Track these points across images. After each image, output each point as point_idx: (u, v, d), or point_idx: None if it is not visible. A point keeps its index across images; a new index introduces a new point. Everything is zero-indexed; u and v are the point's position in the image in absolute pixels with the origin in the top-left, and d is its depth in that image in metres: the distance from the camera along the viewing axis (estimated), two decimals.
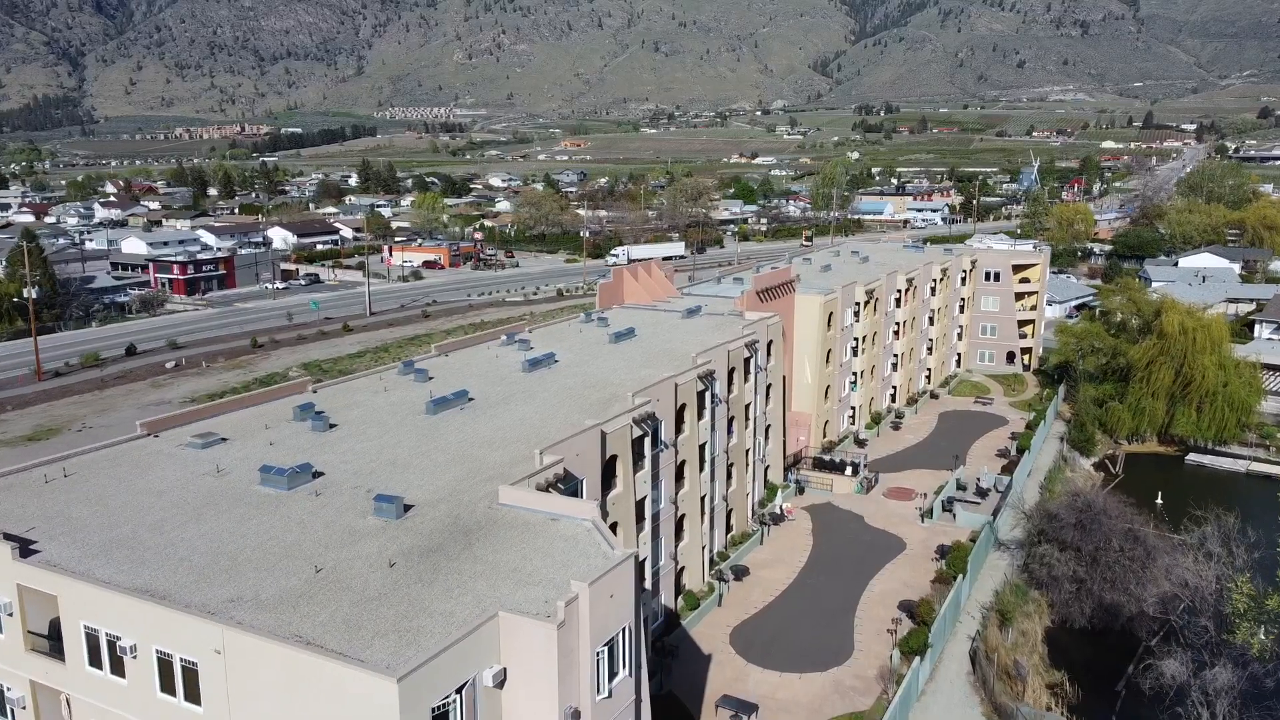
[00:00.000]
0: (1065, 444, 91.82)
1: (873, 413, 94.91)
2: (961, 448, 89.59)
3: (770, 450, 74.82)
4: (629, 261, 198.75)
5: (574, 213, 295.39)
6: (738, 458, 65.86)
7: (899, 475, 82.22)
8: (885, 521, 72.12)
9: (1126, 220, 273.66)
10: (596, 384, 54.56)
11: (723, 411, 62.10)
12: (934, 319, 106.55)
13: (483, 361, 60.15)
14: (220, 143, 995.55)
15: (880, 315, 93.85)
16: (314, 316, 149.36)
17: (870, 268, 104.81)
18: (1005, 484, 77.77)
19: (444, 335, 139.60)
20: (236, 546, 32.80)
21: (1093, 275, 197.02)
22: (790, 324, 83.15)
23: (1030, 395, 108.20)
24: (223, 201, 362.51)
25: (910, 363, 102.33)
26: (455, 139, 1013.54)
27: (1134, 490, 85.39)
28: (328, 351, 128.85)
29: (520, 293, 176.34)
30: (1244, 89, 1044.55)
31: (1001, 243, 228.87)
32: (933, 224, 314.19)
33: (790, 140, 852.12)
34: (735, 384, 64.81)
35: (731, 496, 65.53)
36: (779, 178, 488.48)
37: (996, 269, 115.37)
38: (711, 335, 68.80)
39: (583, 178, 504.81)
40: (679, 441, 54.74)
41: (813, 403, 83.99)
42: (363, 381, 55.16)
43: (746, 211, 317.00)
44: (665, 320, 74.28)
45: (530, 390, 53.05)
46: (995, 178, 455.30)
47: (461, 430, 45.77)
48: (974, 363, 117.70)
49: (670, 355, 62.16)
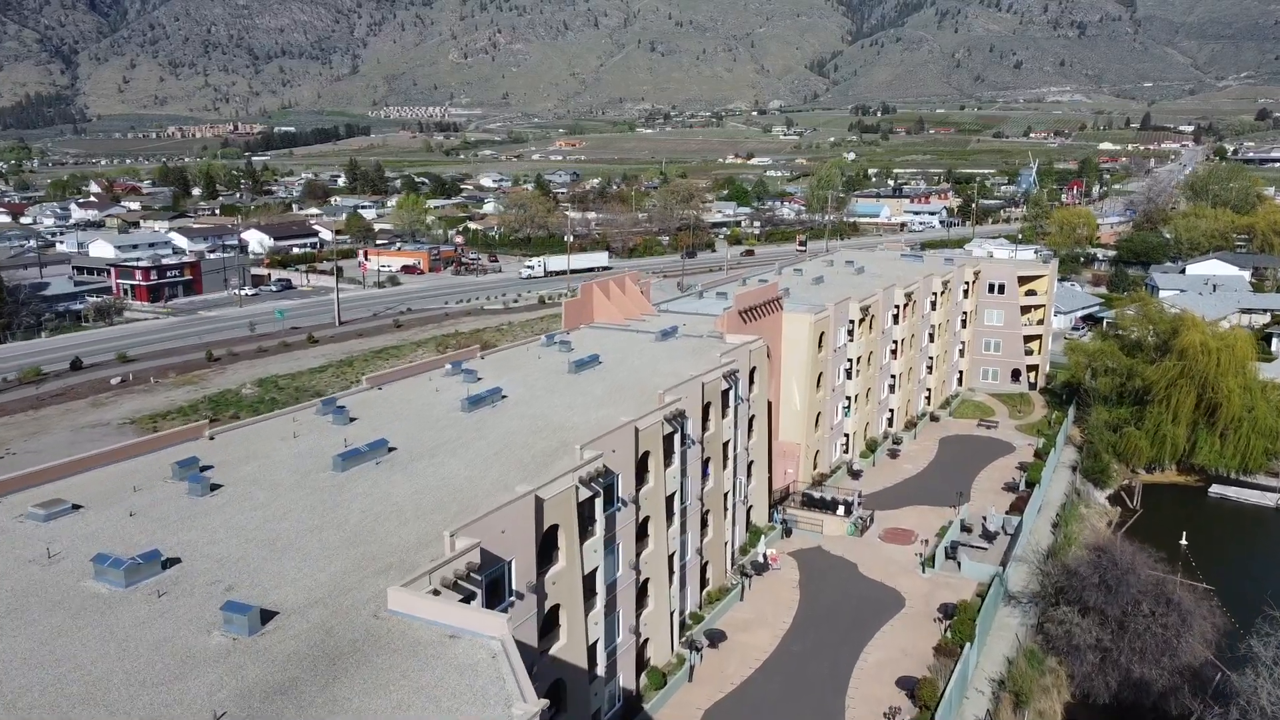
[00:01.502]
0: (1078, 475, 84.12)
1: (868, 439, 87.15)
2: (965, 480, 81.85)
3: (753, 489, 67.06)
4: (545, 273, 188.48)
5: (561, 214, 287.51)
6: (714, 503, 58.07)
7: (897, 513, 74.46)
8: (882, 571, 64.33)
9: (1129, 224, 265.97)
10: (545, 428, 46.76)
11: (696, 454, 54.30)
12: (934, 335, 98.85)
13: (418, 397, 52.27)
14: (212, 142, 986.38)
15: (876, 333, 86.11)
16: (279, 326, 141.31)
17: (865, 280, 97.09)
18: (1015, 525, 70.03)
19: (414, 347, 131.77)
20: (22, 683, 24.82)
21: (1097, 282, 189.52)
22: (777, 345, 75.37)
23: (1037, 418, 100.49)
24: (204, 202, 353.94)
25: (909, 383, 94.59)
26: (449, 138, 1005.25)
27: (1154, 528, 77.93)
28: (288, 365, 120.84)
29: (500, 300, 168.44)
30: (1241, 90, 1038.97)
31: (1002, 248, 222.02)
32: (930, 227, 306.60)
33: (786, 140, 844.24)
34: (712, 420, 57.02)
35: (708, 548, 57.73)
36: (774, 179, 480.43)
37: (1001, 281, 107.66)
38: (687, 362, 61.04)
39: (575, 178, 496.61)
40: (642, 496, 46.94)
41: (802, 431, 76.22)
42: (271, 425, 47.19)
43: (740, 214, 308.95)
44: (636, 344, 66.49)
45: (465, 437, 45.20)
46: (993, 179, 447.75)
47: (370, 494, 37.93)
48: (977, 381, 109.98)
49: (637, 389, 54.39)
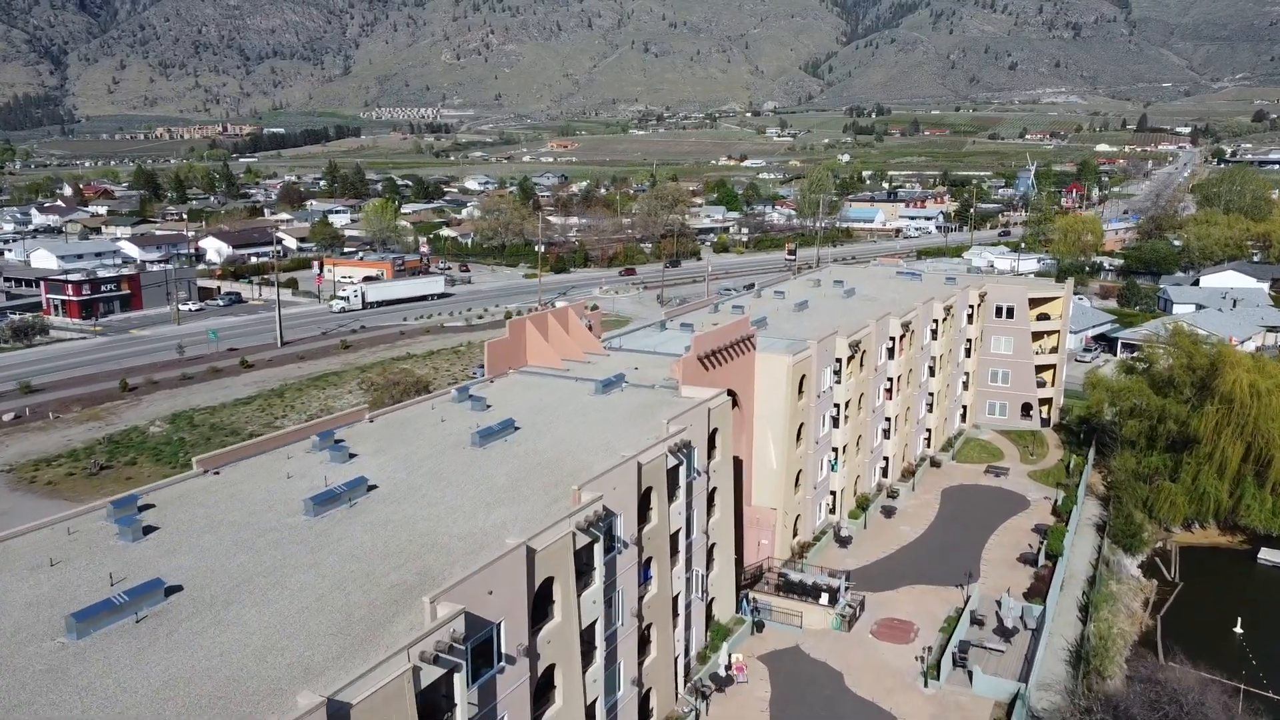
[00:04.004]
0: (1105, 539, 71.52)
1: (858, 496, 74.50)
2: (972, 549, 69.27)
3: (716, 578, 54.40)
4: (365, 304, 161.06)
5: (545, 219, 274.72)
6: (659, 614, 45.44)
7: (892, 597, 61.83)
8: (874, 684, 51.68)
9: (1133, 230, 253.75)
10: (409, 547, 34.13)
11: (631, 558, 41.68)
12: (935, 368, 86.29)
13: (255, 490, 39.47)
14: (201, 143, 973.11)
15: (868, 371, 73.50)
16: (211, 348, 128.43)
17: (856, 304, 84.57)
18: (1036, 616, 57.48)
19: (358, 372, 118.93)
20: None
21: (1105, 295, 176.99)
22: (749, 391, 62.80)
23: (1053, 462, 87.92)
24: (173, 207, 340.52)
25: (906, 425, 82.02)
26: (441, 140, 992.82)
27: (1198, 607, 65.50)
28: (213, 395, 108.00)
29: (464, 315, 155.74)
30: (1237, 92, 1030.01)
31: (1003, 256, 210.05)
32: (926, 233, 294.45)
33: (780, 142, 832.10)
34: (655, 509, 44.40)
35: (649, 673, 45.09)
36: (767, 181, 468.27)
37: (1010, 303, 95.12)
38: (627, 427, 48.43)
39: (563, 180, 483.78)
40: (542, 639, 34.30)
41: (779, 495, 63.63)
42: (27, 541, 34.32)
43: (729, 219, 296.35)
44: (570, 399, 53.80)
45: (293, 563, 32.54)
46: (989, 181, 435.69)
47: (103, 684, 25.21)
48: (982, 416, 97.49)
49: (554, 473, 41.79)
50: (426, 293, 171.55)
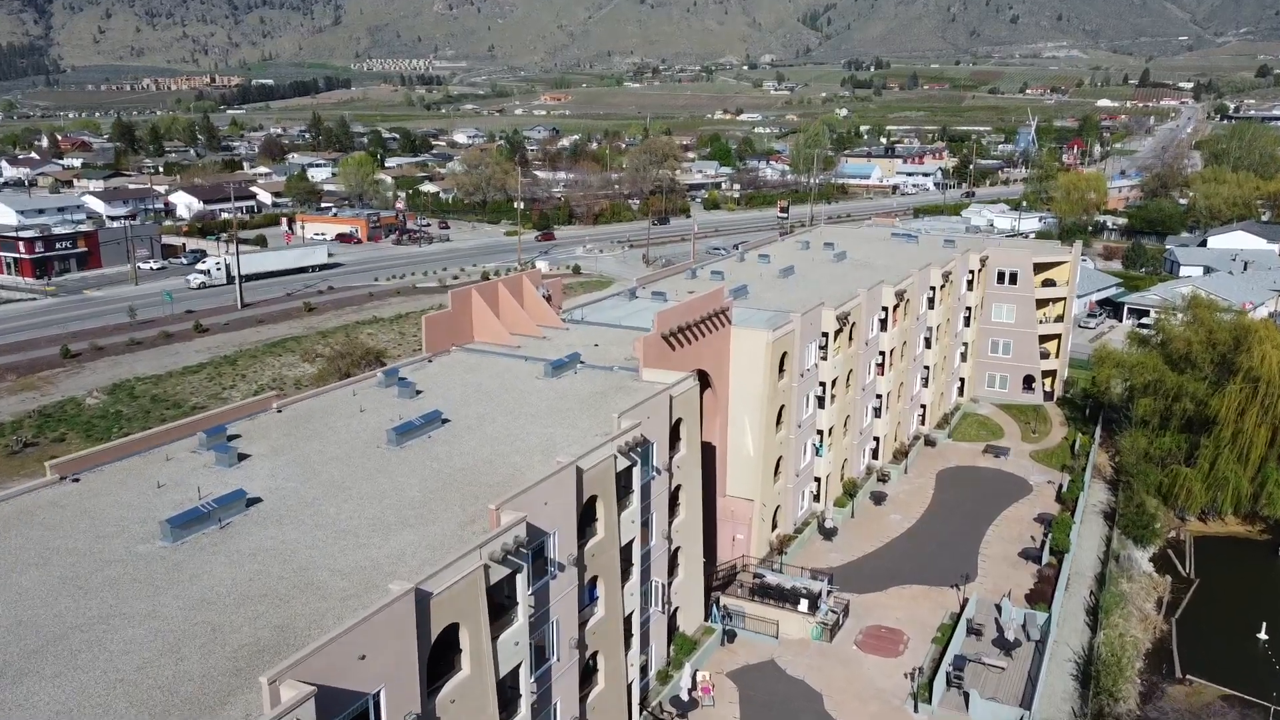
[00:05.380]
0: (1115, 530, 65.31)
1: (845, 482, 68.11)
2: (970, 542, 63.06)
3: (681, 585, 48.10)
4: (230, 279, 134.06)
5: (532, 175, 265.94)
6: (606, 640, 39.11)
7: (880, 599, 55.64)
8: (857, 708, 45.54)
9: (1137, 188, 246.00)
10: (278, 587, 27.58)
11: (569, 581, 35.18)
12: (931, 340, 79.54)
13: (112, 506, 32.73)
14: (188, 94, 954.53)
15: (858, 346, 66.76)
16: (166, 311, 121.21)
17: (847, 270, 77.62)
18: (1040, 624, 51.35)
19: (319, 337, 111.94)
20: None
21: (1109, 256, 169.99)
22: (724, 371, 56.13)
23: (1056, 440, 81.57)
24: (149, 160, 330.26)
25: (899, 403, 75.49)
26: (432, 92, 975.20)
27: (1218, 607, 59.47)
28: (161, 363, 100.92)
29: (438, 275, 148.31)
30: (1240, 46, 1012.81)
31: (1003, 215, 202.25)
32: (924, 190, 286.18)
33: (777, 96, 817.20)
34: (601, 520, 37.89)
35: (595, 709, 38.83)
36: (762, 135, 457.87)
37: (1013, 269, 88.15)
38: (578, 418, 41.86)
39: (554, 134, 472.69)
40: (443, 700, 27.86)
41: (756, 484, 57.19)
42: None
43: (721, 174, 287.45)
44: (514, 383, 47.07)
45: (125, 612, 25.98)
46: (989, 138, 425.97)
47: None
48: (981, 389, 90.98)
49: (482, 476, 35.22)
50: (306, 264, 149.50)
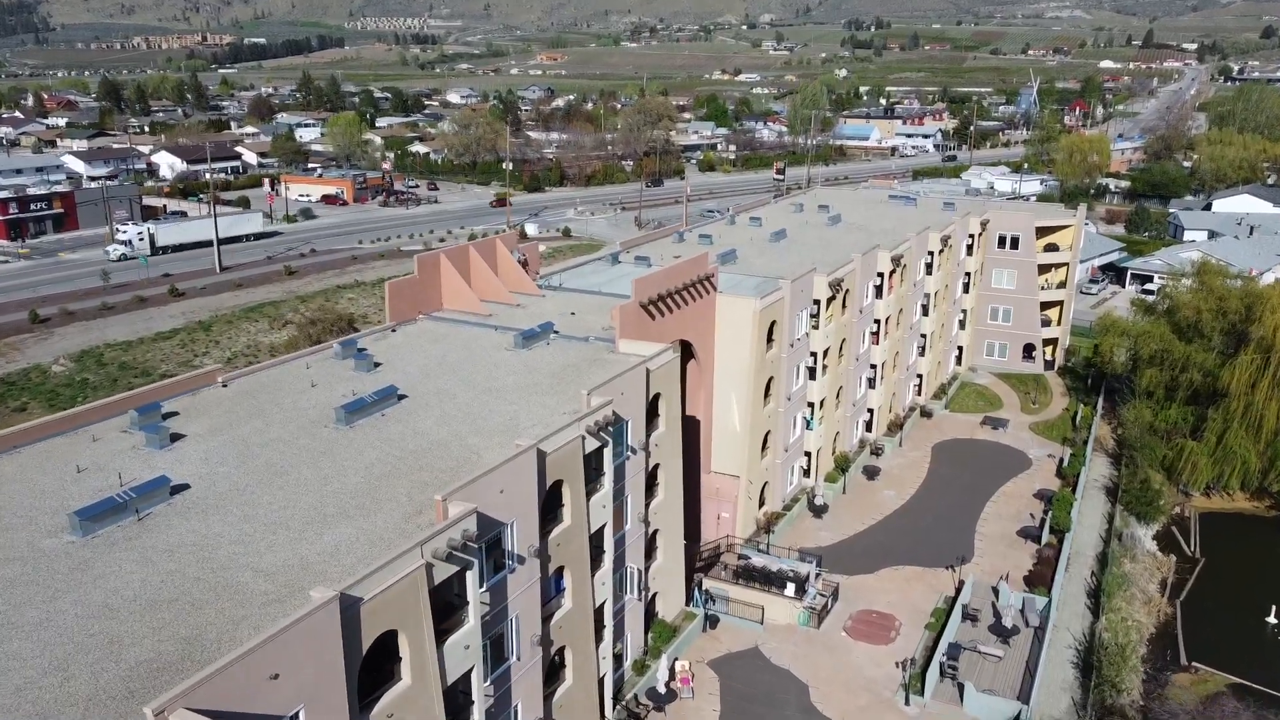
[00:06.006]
0: (1117, 506, 62.61)
1: (837, 456, 65.27)
2: (966, 520, 60.36)
3: (660, 570, 45.37)
4: (155, 249, 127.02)
5: (525, 135, 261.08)
6: (574, 634, 36.34)
7: (871, 582, 52.98)
8: (845, 700, 43.03)
9: (1140, 151, 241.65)
10: (192, 591, 24.69)
11: (530, 575, 32.32)
12: (929, 307, 76.38)
13: (23, 493, 29.67)
14: (178, 53, 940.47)
15: (852, 313, 63.64)
16: (141, 274, 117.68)
17: (841, 234, 74.29)
18: (1039, 609, 48.74)
19: (299, 301, 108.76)
20: None
21: (1111, 220, 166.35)
22: (709, 341, 53.06)
23: (1057, 412, 78.74)
24: (135, 119, 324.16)
25: (894, 373, 72.52)
26: (427, 51, 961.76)
27: (1225, 587, 56.88)
28: (133, 328, 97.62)
29: (424, 238, 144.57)
30: (1245, 8, 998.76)
31: (1003, 177, 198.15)
32: (924, 151, 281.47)
33: (776, 56, 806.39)
34: (568, 507, 34.99)
35: (562, 706, 36.14)
36: (760, 96, 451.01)
37: (1015, 233, 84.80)
38: (548, 393, 38.86)
39: (549, 94, 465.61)
40: (379, 715, 25.03)
41: (743, 460, 54.34)
42: None
43: (717, 136, 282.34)
44: (480, 355, 43.98)
45: (15, 622, 23.07)
46: (990, 99, 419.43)
47: None
48: (980, 358, 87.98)
49: (436, 460, 32.26)
50: (241, 232, 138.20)
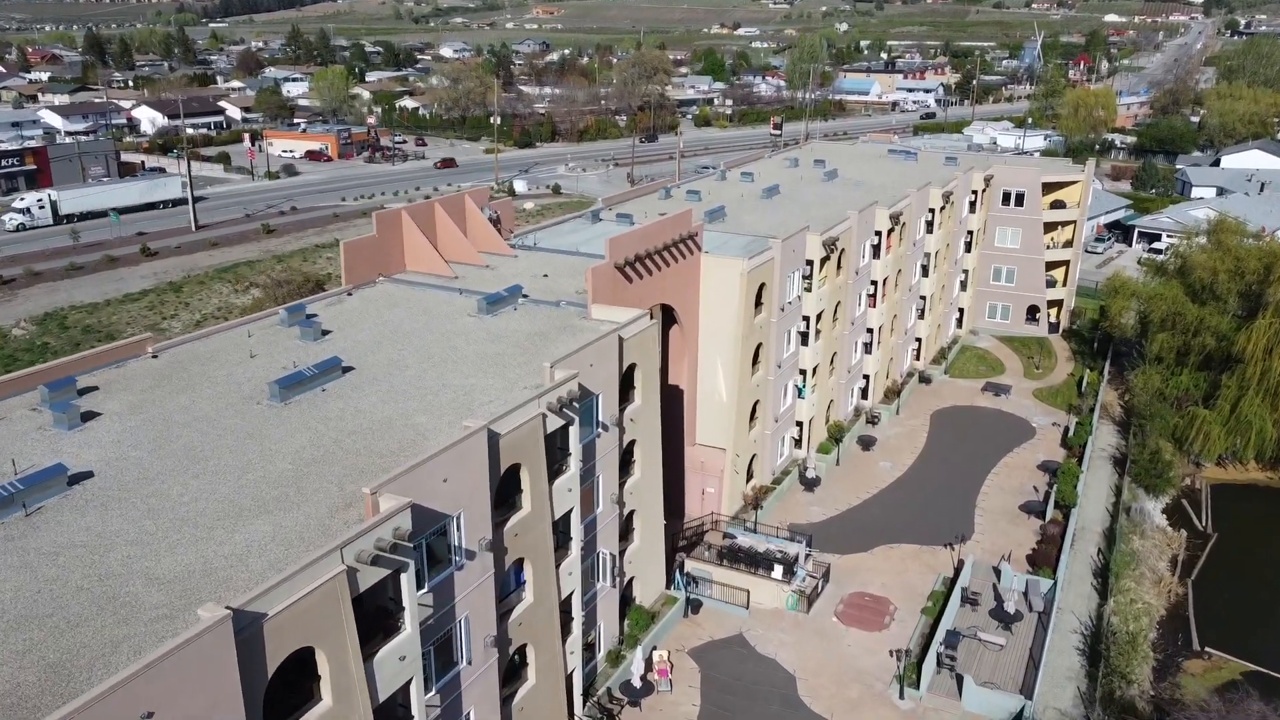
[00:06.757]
0: (1125, 478, 59.40)
1: (830, 425, 61.94)
2: (966, 492, 57.18)
3: (637, 553, 42.16)
4: (59, 217, 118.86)
5: (517, 90, 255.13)
6: (536, 629, 33.15)
7: (865, 561, 49.88)
8: (835, 693, 40.03)
9: (1146, 106, 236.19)
10: (71, 605, 21.35)
11: (481, 570, 29.01)
12: (929, 268, 72.68)
13: None
14: (168, 6, 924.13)
15: (847, 275, 59.96)
16: (114, 233, 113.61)
17: (838, 190, 70.36)
18: (1044, 592, 45.68)
19: (275, 261, 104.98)
20: None
21: (1117, 176, 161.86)
22: (693, 305, 49.48)
23: (1062, 377, 75.38)
24: (119, 74, 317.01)
25: (892, 337, 69.01)
26: (421, 4, 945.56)
27: (1238, 565, 53.92)
28: (101, 289, 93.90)
29: (408, 195, 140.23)
30: None
31: (1006, 132, 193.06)
32: (925, 106, 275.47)
33: (776, 10, 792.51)
34: (528, 492, 31.61)
35: (523, 708, 33.08)
36: (759, 50, 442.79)
37: (1020, 189, 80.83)
38: (510, 365, 35.35)
39: (544, 48, 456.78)
40: None
41: (729, 432, 51.00)
42: None
43: (714, 90, 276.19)
44: (440, 323, 40.40)
45: None
46: (993, 53, 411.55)
47: None
48: (981, 320, 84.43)
49: (376, 442, 28.81)
50: (153, 200, 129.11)
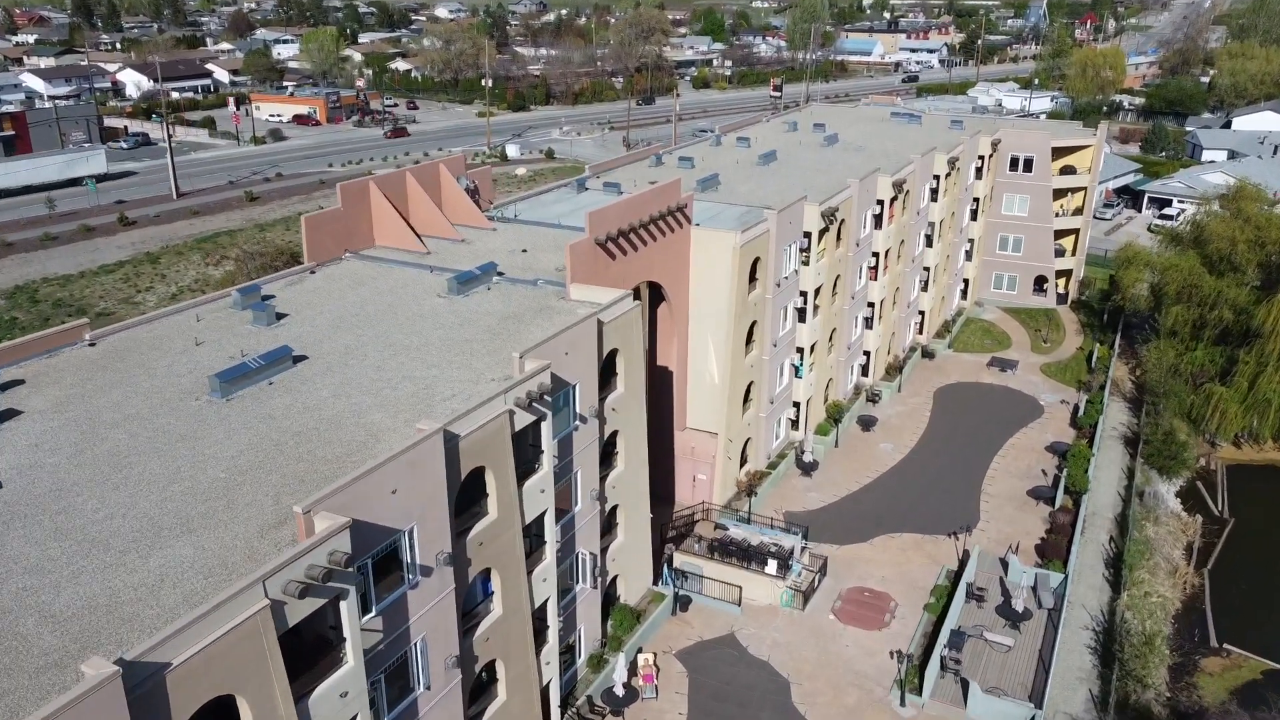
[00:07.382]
0: (1138, 459, 56.67)
1: (829, 405, 59.11)
2: (971, 477, 54.42)
3: (621, 548, 39.50)
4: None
5: (511, 51, 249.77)
6: (506, 643, 30.52)
7: (864, 551, 47.26)
8: (831, 700, 37.51)
9: (1155, 66, 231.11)
10: None
11: (440, 586, 26.33)
12: (933, 238, 69.52)
13: None
14: None
15: (847, 247, 56.85)
16: (92, 201, 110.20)
17: (838, 155, 66.99)
18: (1054, 587, 43.10)
19: (257, 230, 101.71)
20: None
21: (1125, 139, 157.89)
22: (682, 281, 46.48)
23: (1070, 351, 72.45)
24: (107, 35, 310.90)
25: (894, 311, 66.02)
26: None
27: (1254, 552, 51.43)
28: (76, 261, 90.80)
29: (398, 160, 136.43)
30: None
31: (1012, 94, 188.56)
32: (928, 67, 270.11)
33: None
34: (494, 497, 28.82)
35: None
36: (759, 10, 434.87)
37: (1028, 154, 77.40)
38: (480, 353, 32.43)
39: (541, 7, 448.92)
40: None
41: (722, 415, 48.20)
42: None
43: (714, 51, 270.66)
44: (406, 303, 37.43)
45: None
46: (998, 12, 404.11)
47: None
48: (987, 291, 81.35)
49: (322, 446, 25.98)
50: (74, 175, 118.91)
